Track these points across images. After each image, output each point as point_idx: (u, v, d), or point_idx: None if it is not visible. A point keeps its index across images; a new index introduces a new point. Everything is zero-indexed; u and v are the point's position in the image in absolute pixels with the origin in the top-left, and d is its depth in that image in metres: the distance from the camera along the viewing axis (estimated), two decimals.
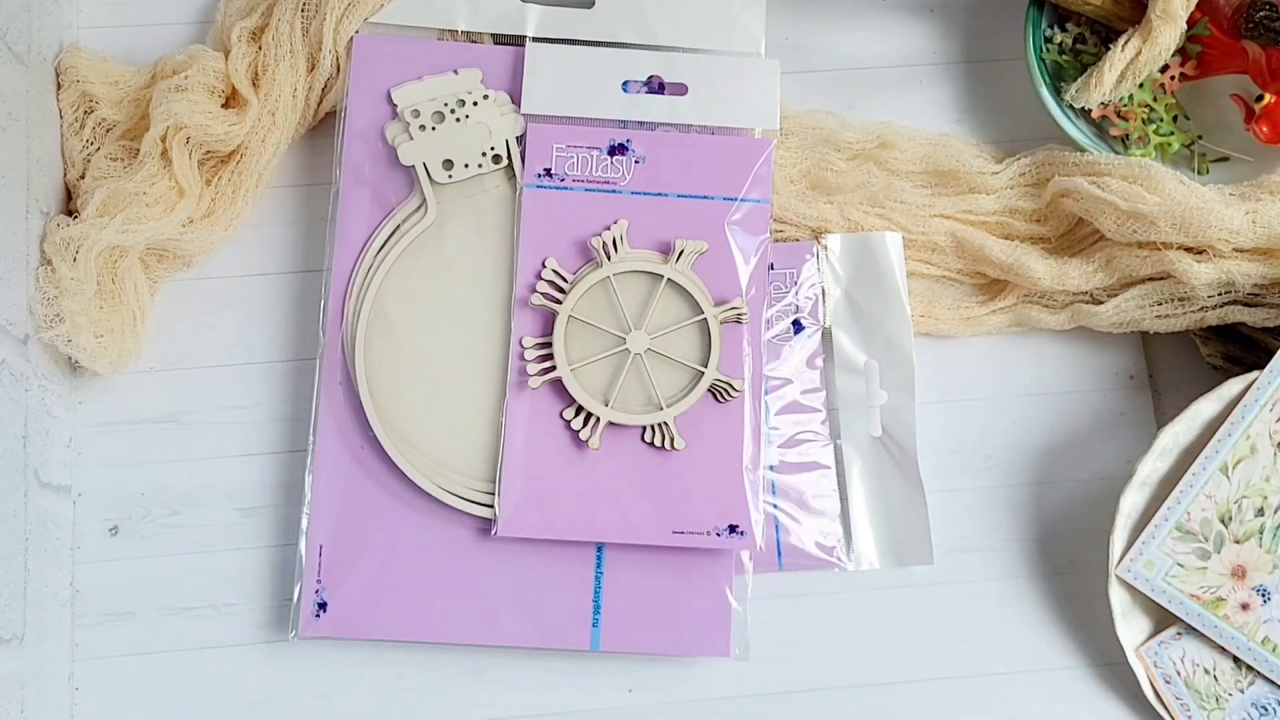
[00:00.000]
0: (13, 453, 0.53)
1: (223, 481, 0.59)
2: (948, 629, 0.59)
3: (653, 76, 0.60)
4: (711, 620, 0.56)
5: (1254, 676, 0.56)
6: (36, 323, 0.55)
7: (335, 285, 0.58)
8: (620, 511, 0.56)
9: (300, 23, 0.59)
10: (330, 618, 0.56)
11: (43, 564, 0.55)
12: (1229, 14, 0.59)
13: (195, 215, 0.58)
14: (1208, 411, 0.56)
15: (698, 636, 0.56)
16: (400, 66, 0.60)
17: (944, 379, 0.61)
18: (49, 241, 0.56)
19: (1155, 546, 0.56)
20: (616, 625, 0.56)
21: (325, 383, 0.57)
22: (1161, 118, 0.61)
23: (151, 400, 0.60)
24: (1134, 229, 0.57)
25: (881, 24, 0.66)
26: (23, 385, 0.55)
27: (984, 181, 0.62)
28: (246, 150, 0.59)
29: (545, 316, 0.57)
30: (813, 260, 0.60)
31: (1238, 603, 0.55)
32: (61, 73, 0.60)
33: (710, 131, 0.59)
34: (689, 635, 0.56)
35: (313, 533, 0.56)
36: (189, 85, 0.57)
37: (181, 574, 0.58)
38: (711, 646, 0.56)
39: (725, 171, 0.58)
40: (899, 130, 0.62)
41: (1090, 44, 0.62)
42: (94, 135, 0.59)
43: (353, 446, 0.57)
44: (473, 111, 0.59)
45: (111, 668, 0.57)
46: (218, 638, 0.57)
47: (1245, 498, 0.55)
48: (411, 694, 0.57)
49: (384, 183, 0.59)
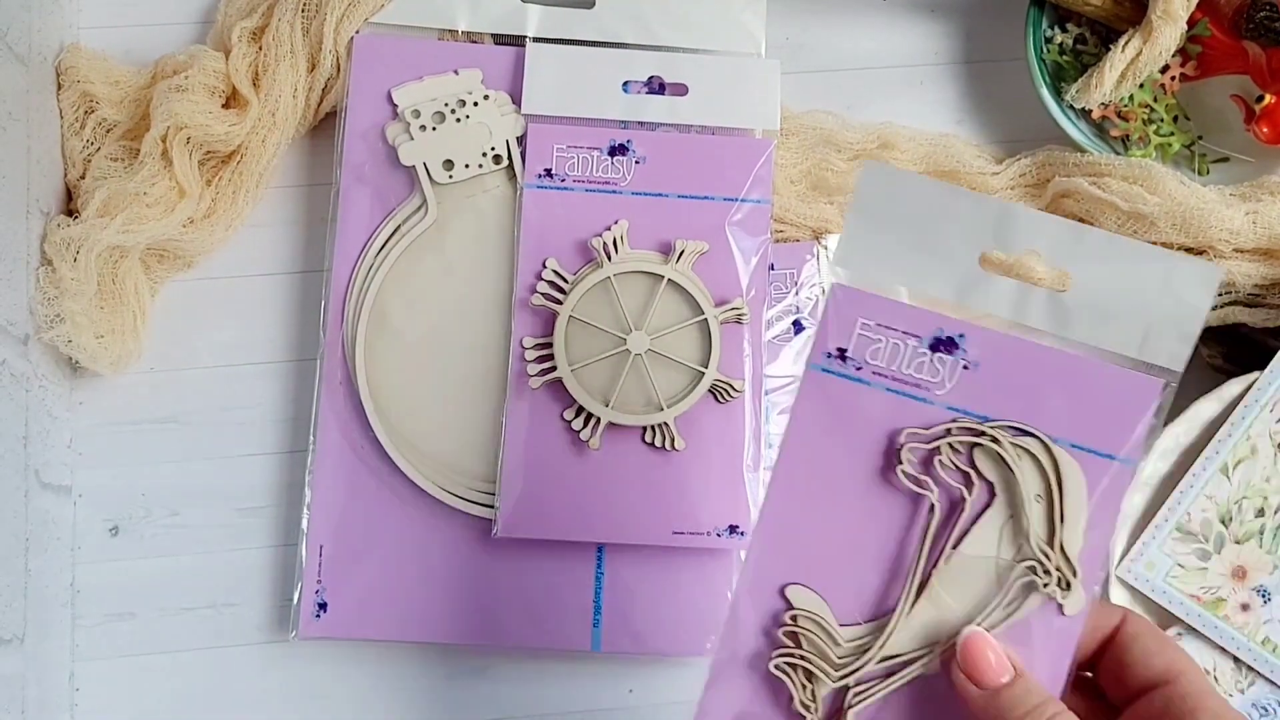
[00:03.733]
0: (13, 453, 0.53)
1: (223, 481, 0.59)
2: None
3: (653, 77, 0.60)
4: (712, 621, 0.56)
5: (1254, 677, 0.56)
6: (37, 323, 0.55)
7: (335, 285, 0.58)
8: (621, 512, 0.56)
9: (301, 23, 0.59)
10: (331, 618, 0.56)
11: (43, 564, 0.55)
12: (1229, 14, 0.59)
13: (196, 215, 0.58)
14: (1208, 412, 0.56)
15: (698, 637, 0.56)
16: (401, 66, 0.60)
17: None
18: (49, 241, 0.56)
19: (1155, 547, 0.56)
20: (617, 626, 0.56)
21: (325, 383, 0.57)
22: (1162, 118, 0.61)
23: (151, 400, 0.60)
24: (1134, 229, 0.57)
25: (881, 24, 0.66)
26: (23, 385, 0.55)
27: (984, 182, 0.62)
28: (247, 150, 0.59)
29: (546, 317, 0.57)
30: (813, 261, 0.60)
31: (1238, 603, 0.55)
32: (62, 73, 0.59)
33: (711, 132, 0.59)
34: (689, 635, 0.56)
35: (313, 533, 0.56)
36: (189, 85, 0.57)
37: (181, 574, 0.58)
38: (712, 647, 0.56)
39: (726, 172, 0.58)
40: (899, 130, 0.62)
41: (1090, 44, 0.62)
42: (94, 135, 0.59)
43: (353, 446, 0.57)
44: (473, 112, 0.59)
45: (111, 668, 0.57)
46: (218, 638, 0.57)
47: (1245, 498, 0.56)
48: (411, 694, 0.57)
49: (384, 183, 0.59)
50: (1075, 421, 0.40)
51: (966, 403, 0.40)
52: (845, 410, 0.41)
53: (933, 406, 0.41)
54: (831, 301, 0.41)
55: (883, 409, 0.41)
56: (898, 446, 0.41)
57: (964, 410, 0.40)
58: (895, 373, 0.41)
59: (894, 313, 0.41)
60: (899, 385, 0.41)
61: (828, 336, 0.41)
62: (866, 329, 0.41)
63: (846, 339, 0.41)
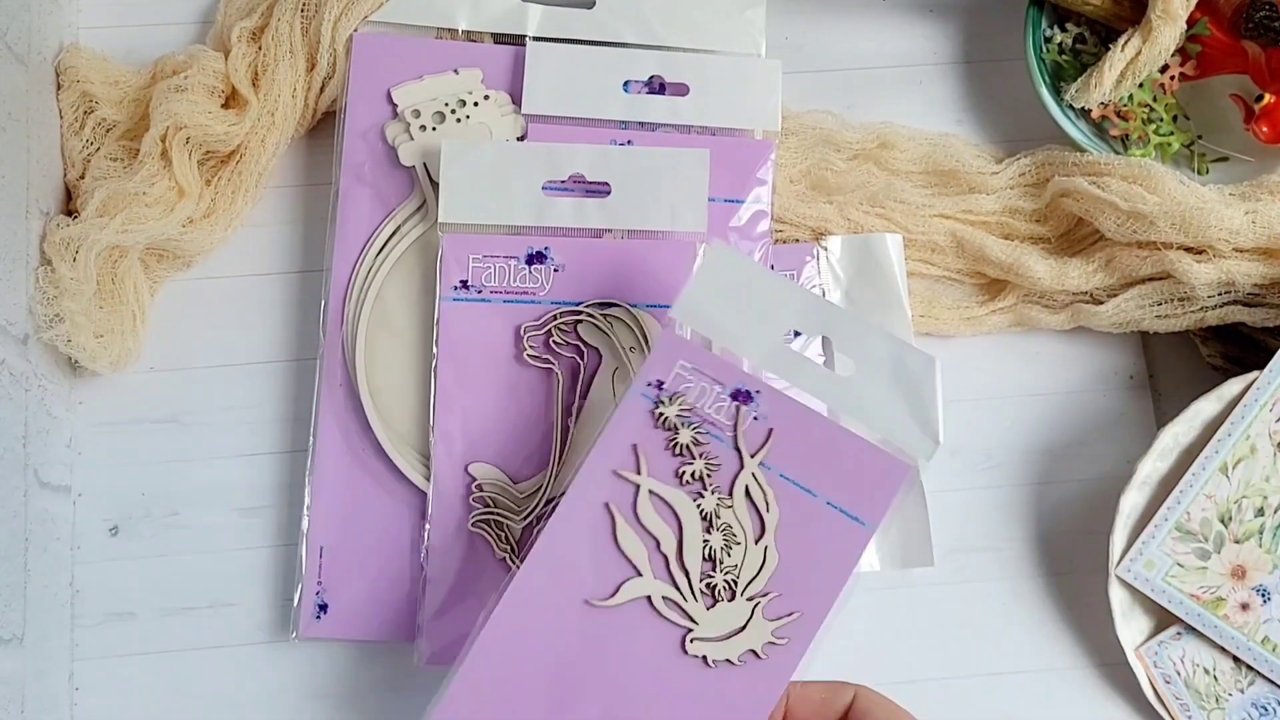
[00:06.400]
0: (13, 453, 0.53)
1: (223, 481, 0.59)
2: (948, 629, 0.59)
3: (654, 77, 0.60)
4: None
5: (1254, 676, 0.56)
6: (36, 323, 0.55)
7: (335, 285, 0.58)
8: None
9: (300, 22, 0.59)
10: (331, 619, 0.56)
11: (43, 564, 0.55)
12: (1229, 14, 0.59)
13: (195, 215, 0.58)
14: (1208, 411, 0.56)
15: None
16: (400, 66, 0.60)
17: (944, 379, 0.61)
18: (49, 241, 0.56)
19: (1155, 546, 0.56)
20: None
21: (325, 383, 0.57)
22: (1161, 118, 0.61)
23: (151, 400, 0.60)
24: (1134, 229, 0.57)
25: (881, 24, 0.66)
26: (23, 385, 0.55)
27: (984, 181, 0.62)
28: (246, 150, 0.59)
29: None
30: (813, 262, 0.60)
31: (1238, 603, 0.55)
32: (61, 73, 0.59)
33: (711, 132, 0.59)
34: None
35: (313, 534, 0.56)
36: (189, 85, 0.57)
37: (181, 574, 0.58)
38: None
39: (727, 174, 0.58)
40: (899, 130, 0.62)
41: (1090, 44, 0.62)
42: (94, 135, 0.59)
43: (353, 447, 0.57)
44: (473, 111, 0.59)
45: (111, 668, 0.57)
46: (218, 638, 0.57)
47: (1245, 498, 0.56)
48: (411, 694, 0.57)
49: (384, 183, 0.59)
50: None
51: (563, 296, 0.56)
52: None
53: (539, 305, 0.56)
54: (445, 247, 0.55)
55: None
56: (520, 334, 0.55)
57: (564, 302, 0.55)
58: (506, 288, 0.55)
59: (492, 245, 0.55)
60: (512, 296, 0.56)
61: (452, 273, 0.55)
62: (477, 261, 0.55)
63: (465, 272, 0.56)
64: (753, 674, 0.46)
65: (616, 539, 0.47)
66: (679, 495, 0.48)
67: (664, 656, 0.46)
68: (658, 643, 0.46)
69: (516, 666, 0.46)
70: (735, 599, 0.47)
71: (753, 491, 0.47)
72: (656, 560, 0.47)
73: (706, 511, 0.47)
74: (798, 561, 0.47)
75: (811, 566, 0.47)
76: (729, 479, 0.48)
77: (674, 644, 0.46)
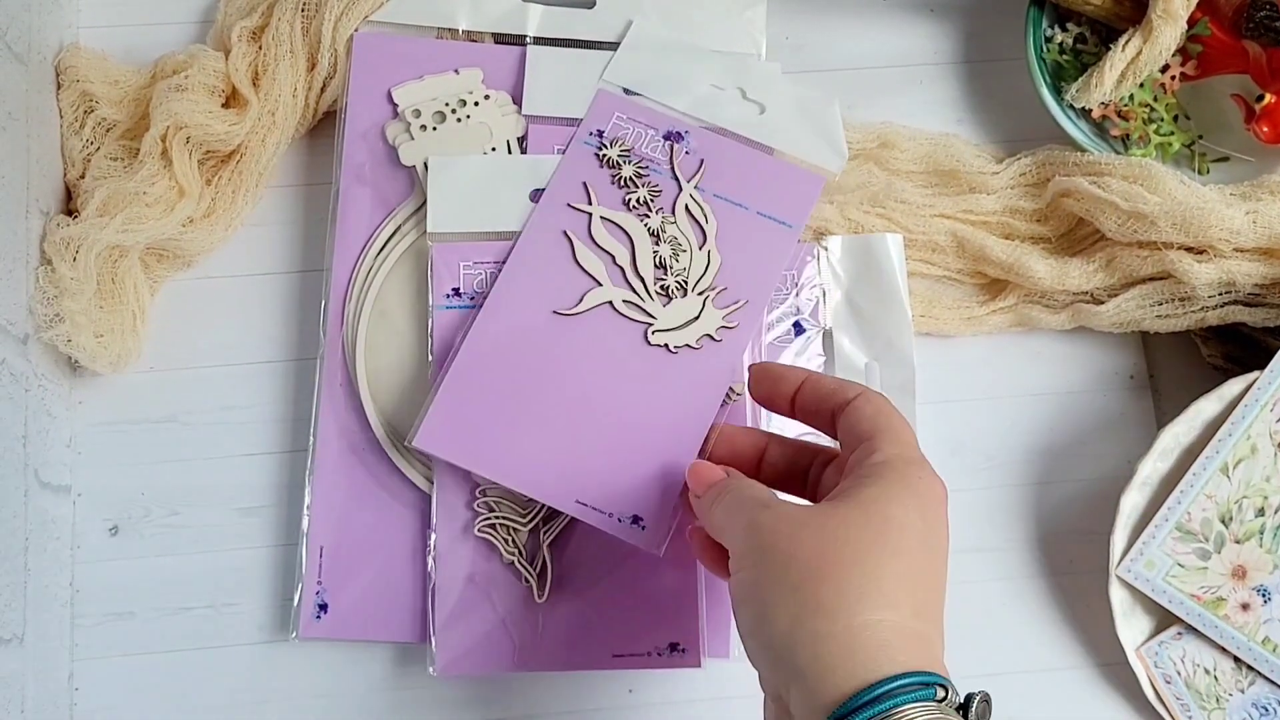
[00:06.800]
0: (13, 453, 0.53)
1: (223, 481, 0.59)
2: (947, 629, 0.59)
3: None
4: (712, 621, 0.56)
5: (1254, 676, 0.56)
6: (36, 323, 0.55)
7: (335, 285, 0.58)
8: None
9: (300, 22, 0.59)
10: (331, 619, 0.56)
11: (43, 564, 0.55)
12: (1229, 14, 0.59)
13: (195, 215, 0.58)
14: (1208, 411, 0.56)
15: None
16: (401, 66, 0.60)
17: (944, 379, 0.61)
18: (49, 241, 0.56)
19: (1155, 546, 0.56)
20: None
21: (325, 383, 0.57)
22: (1162, 117, 0.61)
23: (151, 400, 0.59)
24: (1135, 229, 0.57)
25: (881, 24, 0.66)
26: (23, 385, 0.55)
27: (984, 181, 0.62)
28: (246, 150, 0.59)
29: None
30: (814, 262, 0.60)
31: (1238, 603, 0.55)
32: (61, 72, 0.59)
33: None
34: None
35: (313, 534, 0.56)
36: (189, 85, 0.57)
37: (181, 574, 0.58)
38: (712, 648, 0.56)
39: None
40: (899, 130, 0.62)
41: (1090, 44, 0.62)
42: (94, 135, 0.59)
43: (353, 447, 0.57)
44: (474, 112, 0.59)
45: (111, 668, 0.57)
46: (218, 638, 0.57)
47: (1246, 498, 0.56)
48: (411, 694, 0.57)
49: (385, 183, 0.59)
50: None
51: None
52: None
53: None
54: (435, 256, 0.57)
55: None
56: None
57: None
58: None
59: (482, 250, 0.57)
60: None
61: (444, 281, 0.57)
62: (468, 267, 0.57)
63: (456, 280, 0.57)
64: (710, 354, 0.55)
65: (576, 258, 0.55)
66: (627, 217, 0.56)
67: (630, 350, 0.54)
68: (623, 338, 0.54)
69: (495, 374, 0.54)
70: (687, 295, 0.55)
71: (692, 209, 0.56)
72: (614, 272, 0.55)
73: (653, 228, 0.56)
74: (738, 260, 0.56)
75: (751, 263, 0.56)
76: (670, 201, 0.56)
77: (638, 337, 0.55)
